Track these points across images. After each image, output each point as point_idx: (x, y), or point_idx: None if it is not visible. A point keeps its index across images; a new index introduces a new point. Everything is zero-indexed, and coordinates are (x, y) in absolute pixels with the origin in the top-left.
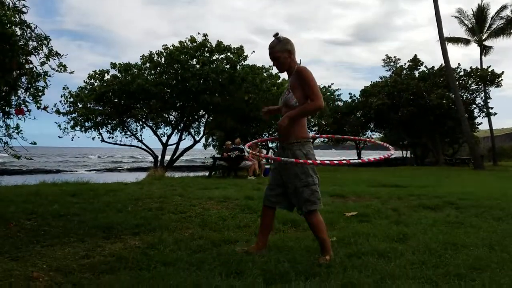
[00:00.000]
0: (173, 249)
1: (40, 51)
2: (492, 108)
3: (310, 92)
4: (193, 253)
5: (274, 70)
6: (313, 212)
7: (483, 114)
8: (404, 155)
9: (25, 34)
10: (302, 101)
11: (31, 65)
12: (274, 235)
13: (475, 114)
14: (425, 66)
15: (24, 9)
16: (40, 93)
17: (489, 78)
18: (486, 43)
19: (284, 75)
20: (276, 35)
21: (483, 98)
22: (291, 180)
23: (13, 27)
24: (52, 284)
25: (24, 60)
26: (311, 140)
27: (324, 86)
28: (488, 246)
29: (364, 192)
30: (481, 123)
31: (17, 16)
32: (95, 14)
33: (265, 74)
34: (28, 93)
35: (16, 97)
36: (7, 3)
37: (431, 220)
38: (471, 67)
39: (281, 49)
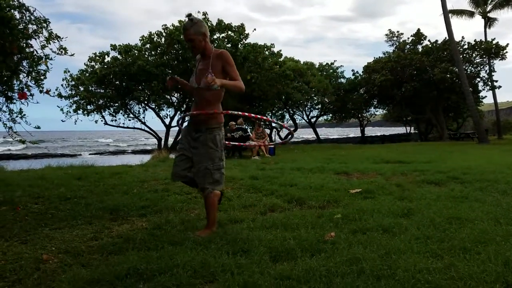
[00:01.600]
0: (180, 229)
1: (40, 34)
2: (496, 81)
3: (235, 75)
4: None
5: (276, 48)
6: (216, 191)
7: (488, 87)
8: (408, 131)
9: (24, 17)
10: None
11: (31, 49)
12: (279, 213)
13: (480, 88)
14: (429, 40)
15: None
16: (42, 77)
17: (494, 51)
18: (491, 15)
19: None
20: (189, 15)
21: (488, 71)
22: (203, 161)
23: (12, 10)
24: (62, 266)
25: (24, 44)
26: None
27: (327, 63)
28: (493, 219)
29: (368, 169)
30: (486, 96)
31: (15, 0)
32: None
33: (266, 53)
34: (30, 77)
35: (18, 82)
36: None
37: (435, 195)
38: (475, 40)
39: (196, 32)
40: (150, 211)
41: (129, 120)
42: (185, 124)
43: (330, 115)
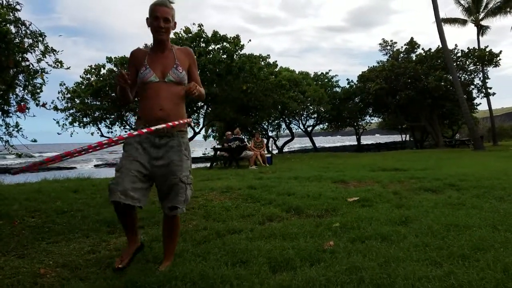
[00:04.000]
0: (178, 241)
1: (36, 48)
2: (490, 88)
3: (199, 79)
4: (198, 244)
5: (271, 59)
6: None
7: (482, 94)
8: (404, 139)
9: (20, 31)
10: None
11: (27, 63)
12: (278, 223)
13: (474, 95)
14: (422, 49)
15: (18, 7)
16: (38, 90)
17: (487, 58)
18: (483, 22)
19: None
20: None
21: (482, 78)
22: (176, 172)
23: (8, 25)
24: (60, 280)
25: (20, 58)
26: None
27: (322, 73)
28: (491, 226)
29: (365, 177)
30: (480, 103)
31: (11, 14)
32: (90, 8)
33: (262, 63)
34: (26, 90)
35: (15, 95)
36: (1, 2)
37: (432, 203)
38: (468, 48)
39: (173, 15)
40: (147, 223)
41: (126, 131)
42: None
43: (326, 124)
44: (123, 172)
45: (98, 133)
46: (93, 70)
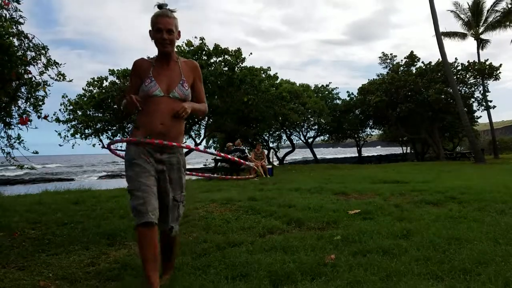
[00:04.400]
0: (177, 253)
1: (39, 61)
2: (491, 101)
3: (203, 96)
4: (198, 257)
5: (272, 71)
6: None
7: (482, 107)
8: (404, 151)
9: (23, 44)
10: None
11: (30, 75)
12: (279, 236)
13: (474, 108)
14: (422, 62)
15: (21, 20)
16: (40, 103)
17: (487, 72)
18: (483, 36)
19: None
20: (164, 4)
21: (482, 91)
22: (175, 190)
23: (11, 38)
24: None
25: (23, 71)
26: None
27: (323, 85)
28: (492, 239)
29: (366, 189)
30: (481, 116)
31: (14, 27)
32: (94, 22)
33: (263, 75)
34: (28, 103)
35: (17, 107)
36: (4, 15)
37: (434, 216)
38: (468, 61)
39: (176, 24)
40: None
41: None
42: (122, 144)
43: (327, 135)
44: (145, 190)
45: (99, 144)
46: (95, 82)
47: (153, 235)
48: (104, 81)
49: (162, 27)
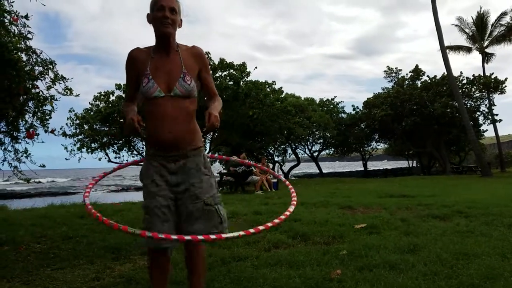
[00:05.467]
0: (182, 267)
1: (46, 76)
2: (497, 115)
3: (213, 85)
4: None
5: (277, 85)
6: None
7: (488, 121)
8: (410, 165)
9: (31, 59)
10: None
11: (37, 90)
12: (284, 250)
13: (480, 122)
14: (427, 76)
15: (29, 35)
16: (47, 117)
17: (493, 85)
18: (488, 50)
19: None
20: None
21: (488, 105)
22: (200, 194)
23: (19, 53)
24: None
25: (30, 85)
26: None
27: (328, 99)
28: (500, 254)
29: (372, 203)
30: (487, 130)
31: (22, 43)
32: (101, 37)
33: (268, 89)
34: (35, 117)
35: (24, 122)
36: (13, 30)
37: (440, 230)
38: (473, 75)
39: (180, 9)
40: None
41: (133, 156)
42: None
43: (332, 149)
44: (149, 213)
45: (105, 158)
46: (102, 96)
47: (160, 258)
48: (111, 95)
49: (165, 4)
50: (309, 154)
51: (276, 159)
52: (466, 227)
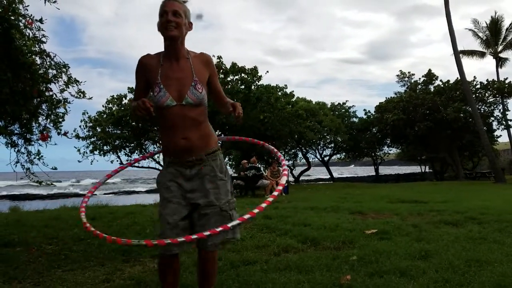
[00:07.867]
0: (192, 271)
1: (60, 79)
2: (511, 120)
3: (222, 91)
4: None
5: (288, 89)
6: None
7: (502, 126)
8: (423, 170)
9: (45, 63)
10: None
11: (51, 93)
12: (293, 255)
13: (494, 127)
14: (441, 80)
15: (43, 39)
16: (60, 119)
17: (507, 90)
18: (502, 55)
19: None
20: None
21: (501, 110)
22: (216, 200)
23: (33, 56)
24: None
25: (44, 88)
26: None
27: (339, 103)
28: None
29: (383, 209)
30: (501, 135)
31: (37, 46)
32: (115, 41)
33: (279, 93)
34: (48, 119)
35: (37, 124)
36: (27, 34)
37: (453, 236)
38: (487, 80)
39: (185, 10)
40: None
41: (144, 160)
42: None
43: (343, 153)
44: (162, 220)
45: (117, 161)
46: (115, 100)
47: (170, 263)
48: (123, 98)
49: (167, 8)
50: (320, 159)
51: (286, 163)
52: (478, 234)
